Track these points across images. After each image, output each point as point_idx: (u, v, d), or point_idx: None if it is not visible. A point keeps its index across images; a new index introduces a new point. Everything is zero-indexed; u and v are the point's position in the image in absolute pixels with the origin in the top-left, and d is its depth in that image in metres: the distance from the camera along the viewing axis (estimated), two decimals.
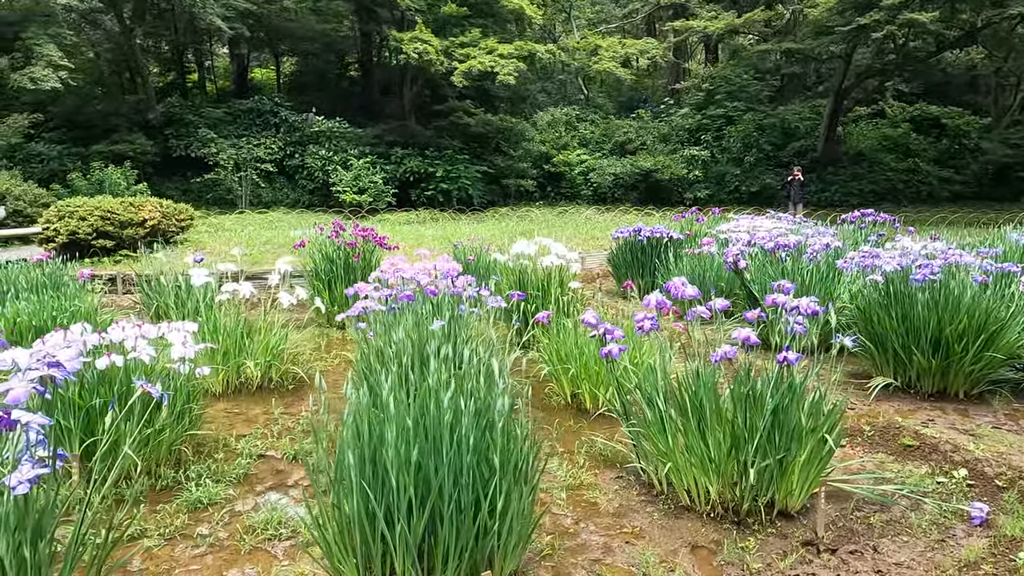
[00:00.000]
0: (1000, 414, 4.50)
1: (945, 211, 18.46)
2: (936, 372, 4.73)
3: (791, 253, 6.36)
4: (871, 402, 4.71)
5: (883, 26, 14.19)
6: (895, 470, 3.54)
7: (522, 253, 6.42)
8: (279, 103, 20.53)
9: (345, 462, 2.24)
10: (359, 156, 17.82)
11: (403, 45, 15.88)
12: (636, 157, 19.52)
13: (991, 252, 6.88)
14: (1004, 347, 4.65)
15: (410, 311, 4.08)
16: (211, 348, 4.56)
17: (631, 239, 9.09)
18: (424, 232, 12.46)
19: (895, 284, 4.90)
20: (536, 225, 14.26)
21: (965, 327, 4.57)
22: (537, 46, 16.84)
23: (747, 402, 2.93)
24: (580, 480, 3.48)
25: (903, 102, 25.28)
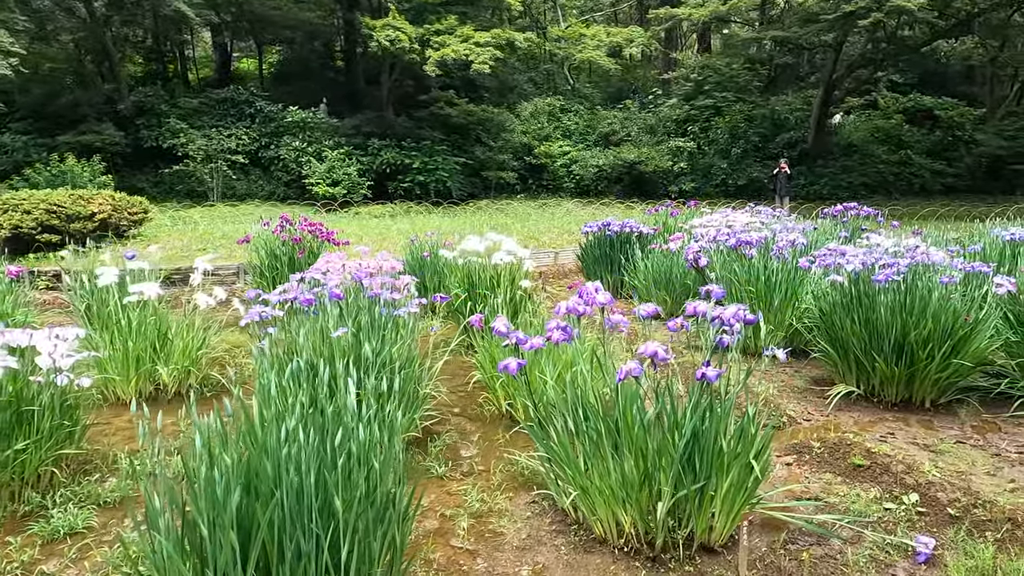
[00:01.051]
0: (967, 426, 4.19)
1: (937, 204, 18.15)
2: (900, 380, 4.42)
3: (760, 250, 6.03)
4: (830, 412, 4.40)
5: (870, 13, 13.83)
6: (841, 494, 3.23)
7: (469, 250, 6.08)
8: (255, 93, 20.10)
9: (154, 504, 1.91)
10: (334, 147, 17.42)
11: (375, 32, 15.45)
12: (620, 149, 19.15)
13: (970, 249, 6.58)
14: (973, 353, 4.34)
15: (320, 316, 3.75)
16: (97, 356, 4.21)
17: (600, 234, 8.78)
18: (392, 226, 12.12)
19: (858, 285, 4.58)
20: (512, 218, 13.93)
21: (930, 332, 4.25)
22: (516, 34, 16.43)
23: (658, 425, 2.60)
24: (491, 505, 3.16)
25: (897, 93, 24.95)
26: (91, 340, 4.68)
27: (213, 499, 1.89)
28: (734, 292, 5.84)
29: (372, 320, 3.84)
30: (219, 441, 2.14)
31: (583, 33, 20.86)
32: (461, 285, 6.09)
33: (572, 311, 2.88)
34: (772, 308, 5.72)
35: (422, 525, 2.99)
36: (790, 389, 4.88)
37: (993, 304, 4.61)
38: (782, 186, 15.30)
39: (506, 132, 19.56)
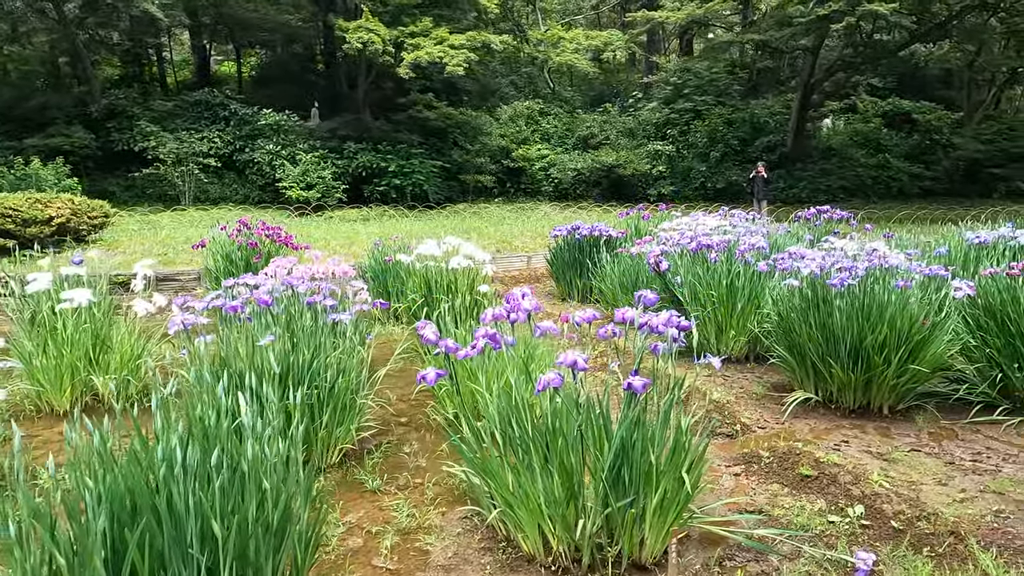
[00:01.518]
0: (924, 433, 4.12)
1: (914, 207, 18.26)
2: (857, 386, 4.34)
3: (725, 254, 5.95)
4: (785, 419, 4.31)
5: (843, 17, 13.87)
6: (786, 506, 3.12)
7: (426, 254, 5.96)
8: (230, 96, 19.86)
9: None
10: (308, 151, 17.22)
11: (348, 35, 15.29)
12: (598, 152, 19.09)
13: (936, 252, 6.54)
14: (931, 359, 4.27)
15: (254, 323, 3.60)
16: (13, 365, 4.03)
17: (569, 238, 8.68)
18: (363, 230, 11.96)
19: (814, 289, 4.50)
20: (486, 222, 13.82)
21: (886, 337, 4.17)
22: (492, 37, 16.33)
23: (581, 437, 2.48)
24: (421, 521, 3.03)
25: (876, 97, 25.12)
26: (20, 348, 4.50)
27: (79, 522, 1.75)
28: (699, 296, 5.75)
29: (301, 328, 3.69)
30: (98, 460, 2.00)
31: (562, 36, 20.81)
32: (418, 290, 5.97)
33: (498, 318, 2.76)
34: (735, 312, 5.64)
35: (345, 544, 2.86)
36: (748, 396, 4.79)
37: (952, 308, 4.55)
38: (759, 190, 15.31)
39: (483, 135, 19.44)
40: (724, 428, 4.12)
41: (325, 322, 3.68)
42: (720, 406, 4.45)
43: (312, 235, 10.60)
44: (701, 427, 3.52)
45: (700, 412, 4.35)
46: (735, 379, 5.24)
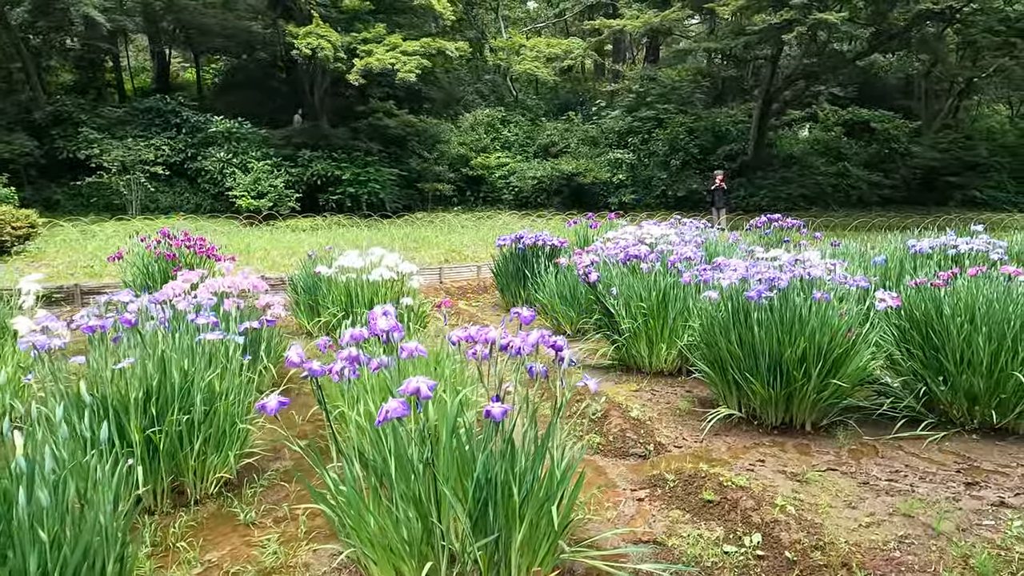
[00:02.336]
0: (845, 450, 3.99)
1: (872, 215, 18.48)
2: (779, 402, 4.21)
3: (656, 264, 5.80)
4: (705, 438, 4.16)
5: (793, 26, 13.99)
6: (684, 535, 2.95)
7: (347, 266, 5.73)
8: (183, 102, 19.40)
9: None
10: (261, 159, 16.85)
11: (297, 41, 14.99)
12: (558, 160, 19.00)
13: (874, 261, 6.49)
14: (853, 373, 4.15)
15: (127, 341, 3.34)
16: None
17: (512, 247, 8.51)
18: (308, 240, 11.68)
19: (736, 301, 4.36)
20: (437, 231, 13.60)
21: (805, 351, 4.04)
22: (447, 43, 16.16)
23: (430, 470, 2.27)
24: (287, 559, 2.80)
25: (836, 106, 25.49)
26: None
27: None
28: (631, 308, 5.60)
29: (177, 348, 3.44)
30: None
31: (523, 44, 20.75)
32: (337, 303, 5.73)
33: (357, 339, 2.55)
34: (667, 325, 5.49)
35: None
36: (672, 412, 4.64)
37: (877, 320, 4.45)
38: (719, 198, 15.31)
39: (441, 143, 19.22)
40: (637, 448, 3.95)
41: (201, 341, 3.43)
42: (638, 424, 4.28)
43: (253, 246, 10.29)
44: (579, 449, 3.35)
45: (615, 430, 4.19)
46: (663, 394, 5.09)
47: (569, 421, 4.38)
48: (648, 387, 5.27)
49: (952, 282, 4.52)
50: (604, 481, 3.57)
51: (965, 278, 4.55)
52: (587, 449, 4.00)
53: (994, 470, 3.71)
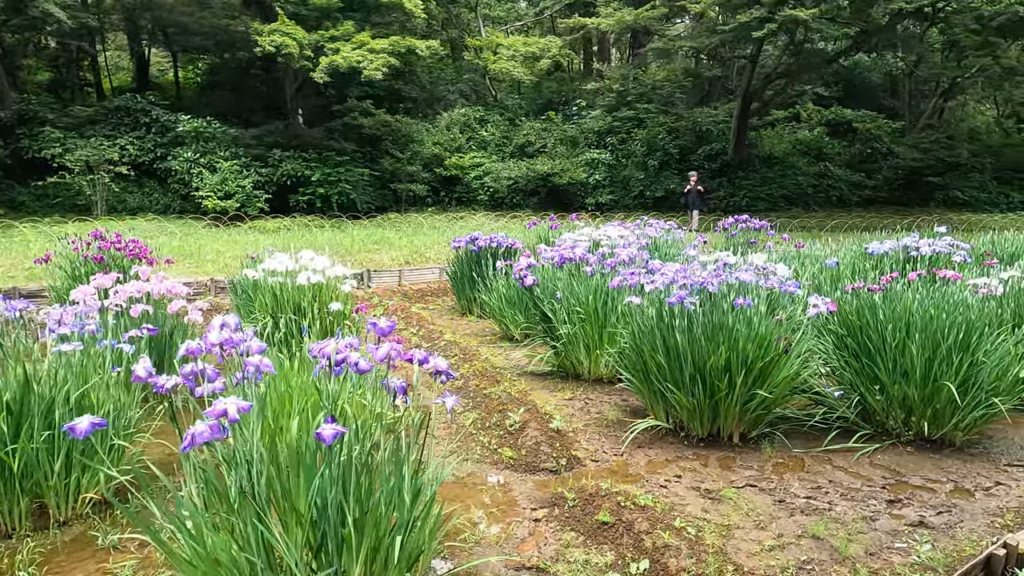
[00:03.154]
0: (770, 464, 3.81)
1: (853, 216, 18.37)
2: (705, 413, 4.02)
3: (598, 269, 5.61)
4: (625, 451, 3.96)
5: (764, 24, 13.84)
6: (572, 560, 2.76)
7: (276, 270, 5.51)
8: (153, 101, 19.10)
9: None
10: (229, 158, 16.58)
11: (260, 39, 14.74)
12: (533, 161, 18.80)
13: (826, 264, 6.31)
14: (781, 383, 3.97)
15: None
16: None
17: (467, 249, 8.31)
18: (265, 241, 11.44)
19: (660, 307, 4.18)
20: (402, 232, 13.39)
21: (728, 360, 3.86)
22: (417, 42, 15.93)
23: (248, 495, 2.07)
24: None
25: (821, 106, 25.40)
26: None
27: None
28: (569, 313, 5.41)
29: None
30: None
31: (500, 43, 20.55)
32: (263, 309, 5.51)
33: (193, 352, 2.34)
34: (605, 330, 5.30)
35: None
36: (600, 423, 4.45)
37: (810, 326, 4.27)
38: (692, 200, 15.13)
39: (415, 143, 18.99)
40: (550, 462, 3.75)
41: (87, 352, 3.21)
42: (557, 436, 4.09)
43: (207, 247, 10.06)
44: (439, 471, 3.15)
45: (530, 443, 4.00)
46: (597, 402, 4.90)
47: (487, 434, 4.19)
48: (583, 395, 5.09)
49: (890, 287, 4.35)
50: (506, 499, 3.38)
51: (903, 283, 4.39)
52: (496, 464, 3.80)
53: (922, 485, 3.54)
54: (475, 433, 4.25)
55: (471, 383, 5.16)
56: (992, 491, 3.48)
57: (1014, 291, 4.82)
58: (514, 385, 5.26)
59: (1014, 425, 4.40)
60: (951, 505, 3.30)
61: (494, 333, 7.26)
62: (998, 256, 8.22)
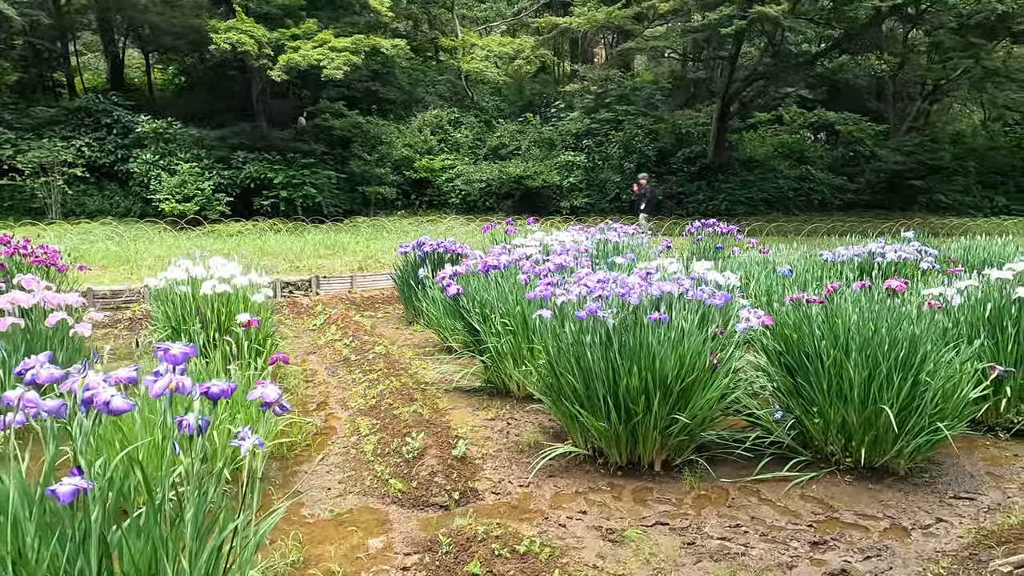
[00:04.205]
0: (690, 496, 3.44)
1: (834, 220, 18.12)
2: (623, 439, 3.64)
3: (532, 277, 5.24)
4: (534, 480, 3.59)
5: (732, 21, 13.54)
6: None
7: (176, 278, 5.11)
8: (116, 102, 18.63)
9: None
10: (190, 160, 16.13)
11: (216, 36, 14.32)
12: (506, 163, 18.43)
13: (780, 272, 5.97)
14: (705, 405, 3.60)
15: None
16: None
17: (413, 255, 7.93)
18: (213, 247, 11.03)
19: (572, 322, 3.80)
20: (361, 237, 13.00)
21: (643, 381, 3.49)
22: (383, 41, 15.55)
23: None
24: None
25: (804, 109, 25.18)
26: None
27: None
28: (495, 324, 5.03)
29: None
30: None
31: (475, 43, 20.21)
32: (165, 322, 5.10)
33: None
34: (536, 344, 4.92)
35: None
36: (514, 447, 4.06)
37: (741, 342, 3.91)
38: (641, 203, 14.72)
39: (384, 145, 18.57)
40: (441, 496, 3.37)
41: None
42: (459, 464, 3.71)
43: (149, 252, 9.64)
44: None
45: (424, 473, 3.60)
46: (519, 423, 4.53)
47: (384, 462, 3.79)
48: (508, 414, 4.71)
49: (831, 299, 3.99)
50: (380, 542, 2.99)
51: (845, 293, 4.03)
52: (383, 498, 3.41)
53: (854, 523, 3.18)
54: (372, 460, 3.86)
55: (385, 401, 4.77)
56: (931, 529, 3.12)
57: (970, 302, 4.47)
58: (434, 403, 4.88)
59: (968, 448, 4.06)
60: (882, 548, 2.94)
61: (434, 344, 6.87)
62: (970, 263, 7.92)
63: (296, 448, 4.18)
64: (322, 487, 3.59)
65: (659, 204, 19.30)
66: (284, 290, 9.42)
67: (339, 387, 5.42)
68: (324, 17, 16.11)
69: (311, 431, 4.45)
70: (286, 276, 9.53)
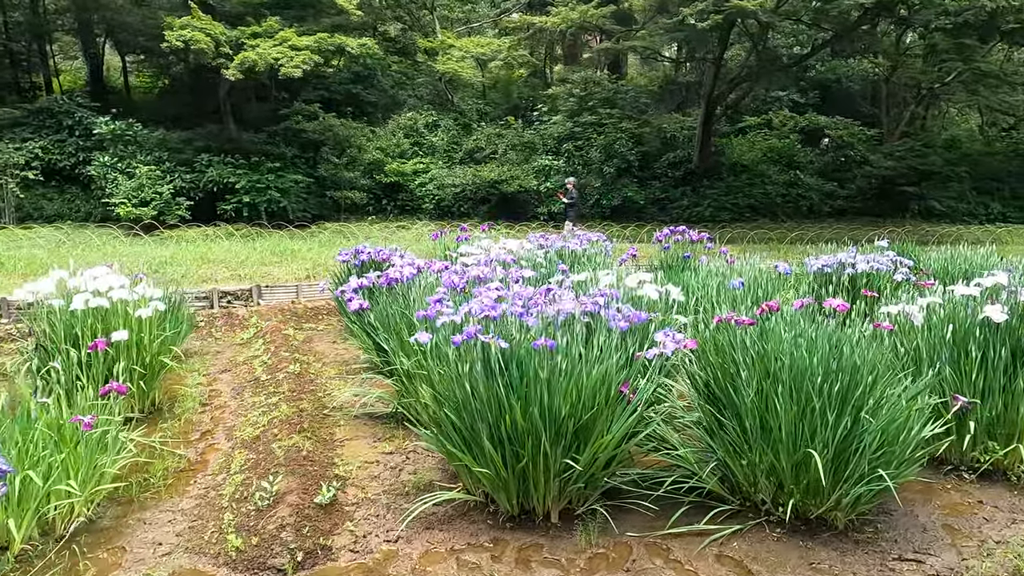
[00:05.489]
0: (584, 556, 2.94)
1: (821, 227, 17.61)
2: (511, 484, 3.13)
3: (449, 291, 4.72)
4: (407, 533, 3.07)
5: (708, 16, 13.06)
6: None
7: (41, 292, 4.58)
8: (80, 103, 18.12)
9: None
10: (150, 163, 15.65)
11: (169, 34, 13.84)
12: (481, 167, 17.92)
13: (731, 285, 5.46)
14: (607, 446, 3.08)
15: None
16: None
17: (349, 264, 7.42)
18: (156, 253, 10.50)
19: (464, 348, 3.28)
20: (317, 243, 12.49)
21: (529, 419, 2.97)
22: (348, 40, 15.06)
23: None
24: None
25: (796, 113, 24.73)
26: None
27: None
28: (404, 344, 4.51)
29: None
30: None
31: (452, 44, 19.72)
32: (41, 340, 4.57)
33: None
34: None
35: None
36: (401, 490, 3.55)
37: (669, 367, 3.40)
38: (571, 209, 14.13)
39: (353, 148, 18.04)
40: (282, 557, 2.84)
41: None
42: (319, 513, 3.20)
43: (80, 259, 9.10)
44: None
45: (272, 526, 3.07)
46: (418, 458, 4.01)
47: (234, 510, 3.26)
48: (411, 447, 4.19)
49: (764, 320, 3.48)
50: None
51: (782, 315, 3.51)
52: (216, 558, 2.88)
53: None
54: (227, 507, 3.34)
55: (271, 431, 4.25)
56: None
57: (931, 322, 3.95)
58: (330, 433, 4.36)
59: (925, 493, 3.54)
60: None
61: (364, 362, 6.34)
62: (951, 274, 7.40)
63: (151, 488, 3.65)
64: (154, 542, 3.07)
65: (641, 210, 18.79)
66: (223, 300, 8.88)
67: (236, 412, 4.89)
68: (291, 16, 15.65)
69: (178, 467, 3.93)
70: (225, 285, 9.00)
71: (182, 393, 5.37)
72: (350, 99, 22.25)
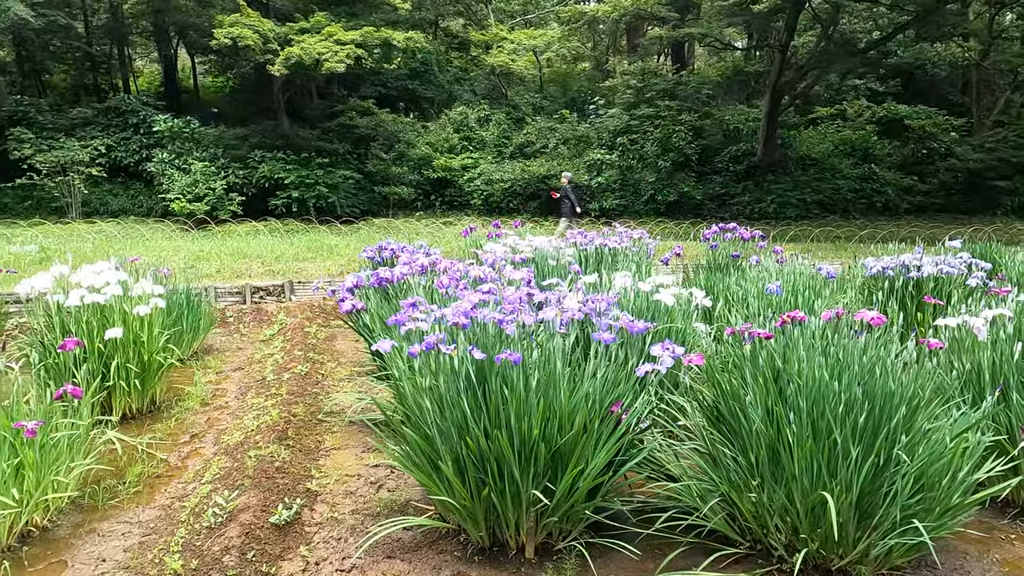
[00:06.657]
0: None
1: (897, 225, 16.43)
2: (479, 514, 2.79)
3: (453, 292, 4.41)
4: (364, 562, 2.78)
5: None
6: None
7: (37, 288, 4.53)
8: (146, 102, 18.82)
9: None
10: (206, 159, 16.04)
11: (218, 31, 14.06)
12: (530, 162, 17.52)
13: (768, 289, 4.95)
14: (589, 474, 2.70)
15: None
16: None
17: (374, 259, 7.23)
18: (195, 248, 10.64)
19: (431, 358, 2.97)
20: (353, 239, 12.40)
21: (495, 442, 2.63)
22: (394, 33, 14.93)
23: None
24: None
25: (873, 102, 23.24)
26: None
27: None
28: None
29: None
30: None
31: (505, 37, 19.41)
32: (34, 337, 4.53)
33: None
34: None
35: None
36: (371, 509, 3.27)
37: (654, 384, 3.00)
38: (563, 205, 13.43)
39: (402, 143, 17.98)
40: None
41: None
42: (274, 534, 2.93)
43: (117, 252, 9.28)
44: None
45: (217, 548, 2.83)
46: (400, 476, 3.71)
47: (189, 525, 3.05)
48: (389, 464, 3.88)
49: (782, 333, 3.00)
50: None
51: (809, 326, 3.03)
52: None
53: None
54: (185, 520, 3.13)
55: (255, 437, 4.04)
56: None
57: (999, 337, 3.37)
58: (316, 441, 4.13)
59: (983, 542, 2.99)
60: None
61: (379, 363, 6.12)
62: None
63: (120, 495, 3.50)
64: (98, 558, 2.88)
65: (699, 206, 17.99)
66: (255, 295, 8.88)
67: (234, 414, 4.73)
68: (341, 12, 15.70)
69: (155, 472, 3.77)
70: (258, 281, 9.00)
71: (187, 391, 5.28)
72: (406, 95, 22.30)
